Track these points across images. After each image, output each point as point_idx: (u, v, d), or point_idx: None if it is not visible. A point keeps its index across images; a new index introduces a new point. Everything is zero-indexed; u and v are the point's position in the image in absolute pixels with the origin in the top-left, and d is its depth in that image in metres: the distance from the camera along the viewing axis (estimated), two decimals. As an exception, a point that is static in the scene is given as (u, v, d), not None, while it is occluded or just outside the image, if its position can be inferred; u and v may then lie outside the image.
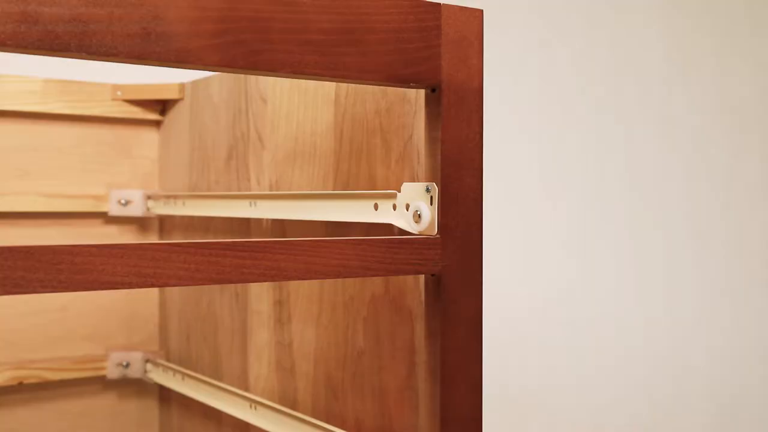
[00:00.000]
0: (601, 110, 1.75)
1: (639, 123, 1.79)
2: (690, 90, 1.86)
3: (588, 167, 1.74)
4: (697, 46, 1.86)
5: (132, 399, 1.24)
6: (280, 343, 0.98)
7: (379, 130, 0.82)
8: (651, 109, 1.81)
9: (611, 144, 1.76)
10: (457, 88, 0.70)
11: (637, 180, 1.79)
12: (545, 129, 1.69)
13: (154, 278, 0.59)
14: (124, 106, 1.22)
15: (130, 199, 1.21)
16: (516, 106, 1.66)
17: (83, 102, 1.20)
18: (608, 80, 1.76)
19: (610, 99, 1.76)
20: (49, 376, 1.17)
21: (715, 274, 1.89)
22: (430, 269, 0.70)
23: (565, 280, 1.71)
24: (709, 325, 1.89)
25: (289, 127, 0.96)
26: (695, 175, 1.86)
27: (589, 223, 1.74)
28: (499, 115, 1.63)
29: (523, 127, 1.67)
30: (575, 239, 1.72)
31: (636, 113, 1.79)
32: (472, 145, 0.71)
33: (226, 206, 1.01)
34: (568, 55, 1.72)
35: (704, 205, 1.87)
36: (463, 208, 0.71)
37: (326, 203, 0.83)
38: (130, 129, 1.24)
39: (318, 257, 0.65)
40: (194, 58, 0.60)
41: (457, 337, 0.71)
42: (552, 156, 1.70)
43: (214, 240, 0.62)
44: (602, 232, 1.75)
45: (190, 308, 1.18)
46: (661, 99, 1.82)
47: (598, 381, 1.75)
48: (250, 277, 0.62)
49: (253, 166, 1.02)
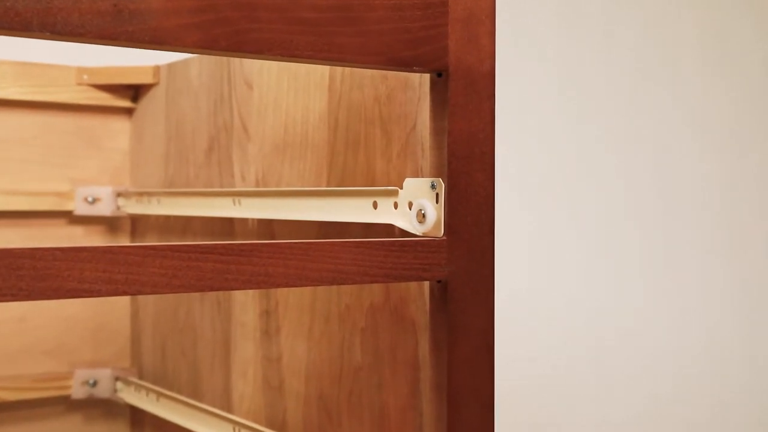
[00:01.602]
0: (630, 100, 1.75)
1: (672, 117, 1.79)
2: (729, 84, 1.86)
3: (613, 163, 1.74)
4: (739, 35, 1.87)
5: (100, 422, 1.25)
6: (268, 357, 0.98)
7: (379, 120, 0.82)
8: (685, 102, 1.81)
9: (640, 138, 1.76)
10: (466, 72, 0.71)
11: (668, 179, 1.79)
12: (566, 119, 1.70)
13: (126, 285, 0.59)
14: (92, 91, 1.23)
15: (98, 196, 1.22)
16: (533, 93, 1.67)
17: (45, 87, 1.21)
18: (639, 65, 1.76)
19: (640, 87, 1.76)
20: (6, 396, 1.18)
21: (751, 282, 1.90)
22: (436, 275, 0.70)
23: (587, 287, 1.72)
24: (751, 336, 1.89)
25: (277, 116, 0.96)
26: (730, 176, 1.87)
27: (613, 226, 1.74)
28: (513, 103, 1.64)
29: (540, 117, 1.68)
30: (598, 243, 1.73)
31: (669, 106, 1.79)
32: (483, 137, 0.72)
33: (207, 204, 1.02)
34: (592, 35, 1.72)
35: (739, 208, 1.88)
36: (473, 206, 0.72)
37: (319, 201, 0.83)
38: (98, 117, 1.25)
39: (310, 262, 0.65)
40: (171, 38, 0.60)
41: (467, 350, 0.72)
42: (573, 150, 1.70)
43: (193, 242, 0.62)
44: (629, 236, 1.76)
45: (166, 319, 1.18)
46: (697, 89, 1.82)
47: (624, 398, 1.75)
48: (234, 284, 0.63)
49: (237, 160, 1.03)
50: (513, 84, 1.64)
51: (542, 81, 1.68)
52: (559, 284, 1.70)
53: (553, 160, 1.69)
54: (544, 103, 1.68)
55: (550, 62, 1.69)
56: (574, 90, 1.71)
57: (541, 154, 1.68)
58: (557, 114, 1.69)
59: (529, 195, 1.67)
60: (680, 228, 1.81)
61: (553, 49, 1.69)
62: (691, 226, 1.83)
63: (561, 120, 1.70)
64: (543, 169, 1.68)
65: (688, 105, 1.82)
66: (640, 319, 1.77)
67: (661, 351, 1.79)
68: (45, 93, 1.21)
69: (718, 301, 1.86)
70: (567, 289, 1.70)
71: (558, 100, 1.69)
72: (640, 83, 1.77)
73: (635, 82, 1.76)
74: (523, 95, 1.66)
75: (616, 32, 1.75)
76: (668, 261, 1.80)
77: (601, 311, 1.73)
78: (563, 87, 1.70)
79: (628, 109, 1.76)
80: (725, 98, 1.87)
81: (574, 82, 1.71)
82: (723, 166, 1.87)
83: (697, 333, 1.83)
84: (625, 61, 1.75)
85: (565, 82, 1.70)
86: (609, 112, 1.74)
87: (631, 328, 1.76)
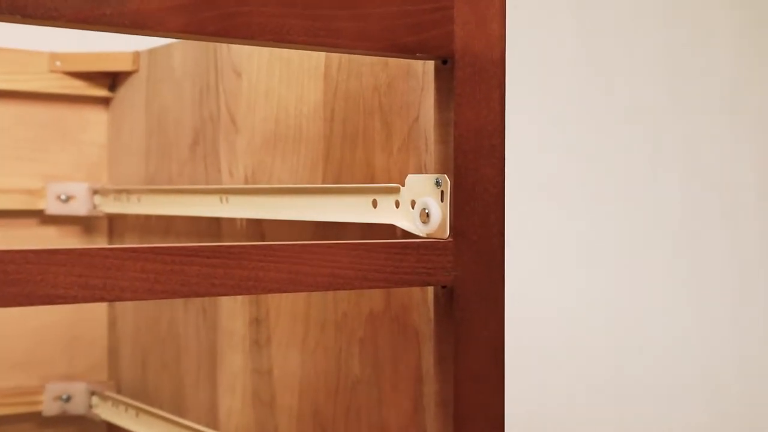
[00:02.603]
0: (656, 90, 1.75)
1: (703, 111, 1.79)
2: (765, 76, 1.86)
3: (637, 159, 1.74)
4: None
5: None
6: (258, 370, 0.99)
7: (379, 111, 0.82)
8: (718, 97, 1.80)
9: (667, 133, 1.76)
10: (473, 59, 0.71)
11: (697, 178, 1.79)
12: (583, 110, 1.70)
13: (104, 291, 0.59)
14: (65, 79, 1.23)
15: (73, 194, 1.22)
16: (547, 81, 1.67)
17: (14, 74, 1.21)
18: (667, 52, 1.76)
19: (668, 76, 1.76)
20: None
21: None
22: (441, 280, 0.71)
23: (608, 293, 1.72)
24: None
25: (268, 107, 0.96)
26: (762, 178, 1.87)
27: (638, 227, 1.74)
28: (525, 92, 1.64)
29: (555, 108, 1.68)
30: (621, 245, 1.73)
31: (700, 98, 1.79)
32: (493, 129, 0.72)
33: (192, 203, 1.02)
34: (614, 19, 1.72)
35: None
36: (481, 205, 0.72)
37: (314, 199, 0.84)
38: (72, 108, 1.25)
39: (304, 265, 0.65)
40: (154, 22, 0.61)
41: (474, 362, 0.72)
42: (592, 144, 1.71)
43: (177, 244, 0.62)
44: (655, 239, 1.76)
45: (147, 328, 1.18)
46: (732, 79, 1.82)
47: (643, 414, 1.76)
48: (221, 290, 0.63)
49: (224, 154, 1.03)
50: (525, 71, 1.64)
51: (558, 68, 1.68)
52: (577, 290, 1.70)
53: (569, 154, 1.69)
54: (560, 93, 1.68)
55: (567, 48, 1.69)
56: (593, 78, 1.71)
57: (556, 147, 1.68)
58: (574, 104, 1.69)
59: (543, 193, 1.67)
60: (711, 232, 1.81)
61: (570, 33, 1.69)
62: (723, 231, 1.83)
63: (578, 111, 1.70)
64: (558, 165, 1.68)
65: (722, 97, 1.82)
66: (667, 329, 1.77)
67: (690, 369, 1.80)
68: (14, 81, 1.21)
69: (755, 314, 1.86)
70: (586, 295, 1.70)
71: (575, 89, 1.70)
72: (668, 71, 1.77)
73: (662, 70, 1.76)
74: (537, 84, 1.66)
75: (641, 15, 1.75)
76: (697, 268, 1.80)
77: (623, 320, 1.74)
78: (581, 74, 1.70)
79: (654, 100, 1.76)
80: (762, 90, 1.87)
81: (592, 69, 1.71)
82: (760, 165, 1.87)
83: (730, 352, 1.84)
84: (650, 47, 1.76)
85: (583, 69, 1.70)
86: (632, 104, 1.74)
87: (657, 340, 1.77)
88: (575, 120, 1.69)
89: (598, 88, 1.72)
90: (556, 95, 1.68)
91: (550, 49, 1.67)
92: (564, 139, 1.69)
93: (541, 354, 1.67)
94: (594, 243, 1.71)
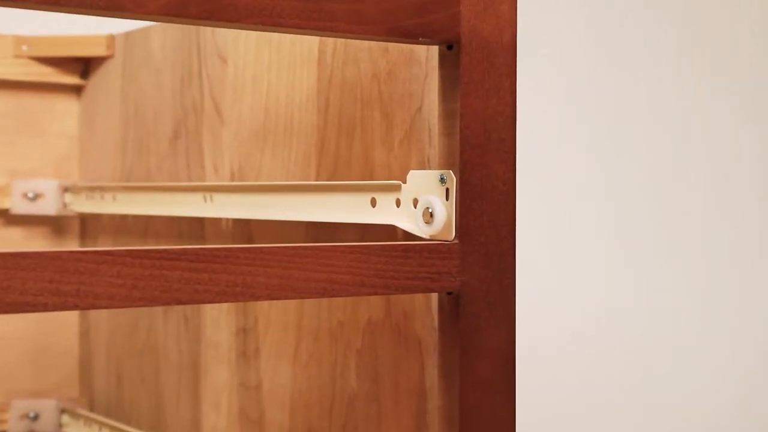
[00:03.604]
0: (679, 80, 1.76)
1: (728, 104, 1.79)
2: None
3: (660, 154, 1.74)
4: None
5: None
6: (245, 385, 0.99)
7: (378, 100, 0.83)
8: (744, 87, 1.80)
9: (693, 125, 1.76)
10: (481, 44, 0.71)
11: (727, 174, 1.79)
12: (601, 100, 1.70)
13: (77, 298, 0.59)
14: (33, 65, 1.23)
15: (41, 191, 1.22)
16: (561, 68, 1.67)
17: (-23, 60, 1.21)
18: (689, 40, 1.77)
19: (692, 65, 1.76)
20: (-67, 431, 1.18)
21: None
22: (446, 286, 0.71)
23: (629, 301, 1.72)
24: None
25: (256, 96, 0.97)
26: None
27: (659, 227, 1.74)
28: (538, 80, 1.64)
29: (570, 97, 1.68)
30: (645, 248, 1.73)
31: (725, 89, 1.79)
32: (503, 120, 0.72)
33: (173, 201, 1.02)
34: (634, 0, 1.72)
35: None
36: (490, 204, 0.72)
37: (307, 198, 0.84)
38: (40, 97, 1.25)
39: (296, 270, 0.66)
40: (131, 3, 0.61)
41: (483, 375, 0.72)
42: (610, 137, 1.71)
43: (157, 247, 0.63)
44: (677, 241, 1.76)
45: (123, 339, 1.19)
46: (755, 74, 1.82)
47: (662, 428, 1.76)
48: (205, 297, 0.63)
49: (208, 148, 1.03)
50: (538, 58, 1.64)
51: (574, 54, 1.68)
52: (595, 296, 1.70)
53: (587, 148, 1.69)
54: (575, 81, 1.69)
55: (584, 32, 1.69)
56: (611, 65, 1.71)
57: (571, 141, 1.68)
58: (591, 93, 1.70)
59: (558, 190, 1.67)
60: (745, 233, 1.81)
61: (588, 15, 1.69)
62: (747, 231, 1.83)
63: (595, 100, 1.70)
64: (575, 160, 1.68)
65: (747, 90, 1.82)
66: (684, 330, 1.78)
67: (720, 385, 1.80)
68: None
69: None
70: (605, 302, 1.71)
71: (592, 77, 1.70)
72: (692, 60, 1.77)
73: (685, 58, 1.77)
74: (550, 71, 1.66)
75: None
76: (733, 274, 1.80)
77: (646, 329, 1.74)
78: (597, 61, 1.70)
79: (677, 90, 1.76)
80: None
81: (612, 55, 1.71)
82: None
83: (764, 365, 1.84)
84: (672, 34, 1.76)
85: (603, 55, 1.70)
86: (656, 94, 1.74)
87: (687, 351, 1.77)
88: (593, 111, 1.70)
89: (617, 76, 1.72)
90: (572, 83, 1.68)
91: (565, 33, 1.68)
92: (582, 131, 1.69)
93: (556, 367, 1.67)
94: (613, 245, 1.71)
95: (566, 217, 1.68)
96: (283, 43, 0.93)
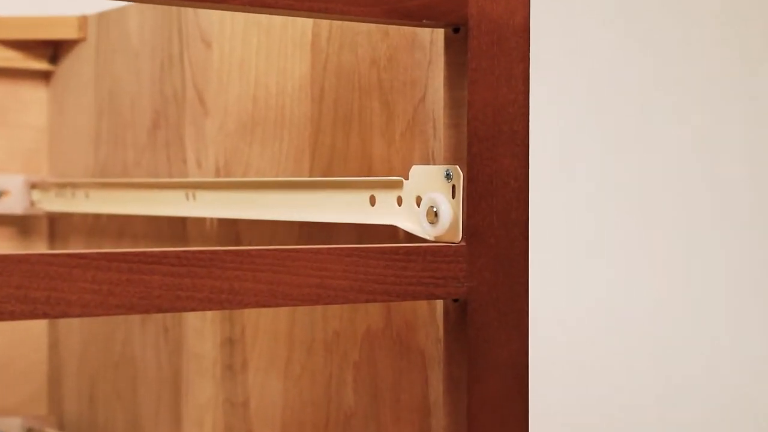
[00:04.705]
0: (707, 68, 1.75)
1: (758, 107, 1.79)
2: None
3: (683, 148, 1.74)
4: None
5: (9, 486, 1.26)
6: (231, 401, 0.99)
7: (377, 89, 0.83)
8: None
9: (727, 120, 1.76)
10: (491, 27, 0.72)
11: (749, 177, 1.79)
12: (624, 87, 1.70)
13: (48, 305, 0.60)
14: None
15: (6, 188, 1.22)
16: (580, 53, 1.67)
17: (-65, 44, 1.22)
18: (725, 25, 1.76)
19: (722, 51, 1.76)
20: None
21: None
22: (452, 292, 0.71)
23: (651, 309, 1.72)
24: None
25: (244, 84, 0.97)
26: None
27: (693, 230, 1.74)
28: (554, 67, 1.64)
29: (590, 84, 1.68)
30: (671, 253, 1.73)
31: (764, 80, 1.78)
32: (514, 111, 0.73)
33: (152, 199, 1.03)
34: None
35: None
36: (501, 202, 0.72)
37: (299, 195, 0.84)
38: (4, 84, 1.25)
39: (287, 274, 0.66)
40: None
41: (492, 390, 0.73)
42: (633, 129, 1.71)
43: (135, 249, 0.63)
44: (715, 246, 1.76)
45: (97, 351, 1.19)
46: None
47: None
48: (188, 304, 0.63)
49: (191, 141, 1.04)
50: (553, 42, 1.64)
51: (592, 38, 1.68)
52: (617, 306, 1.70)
53: (608, 141, 1.69)
54: (595, 67, 1.69)
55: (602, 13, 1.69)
56: (635, 48, 1.71)
57: (591, 132, 1.69)
58: (612, 80, 1.70)
59: (576, 187, 1.68)
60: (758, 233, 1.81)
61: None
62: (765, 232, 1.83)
63: (617, 88, 1.70)
64: (594, 153, 1.69)
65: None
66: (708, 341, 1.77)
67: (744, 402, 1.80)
68: (-65, 52, 1.22)
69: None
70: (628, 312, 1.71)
71: (613, 62, 1.70)
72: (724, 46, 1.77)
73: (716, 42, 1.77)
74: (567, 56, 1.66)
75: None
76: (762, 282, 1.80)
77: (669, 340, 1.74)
78: (620, 44, 1.70)
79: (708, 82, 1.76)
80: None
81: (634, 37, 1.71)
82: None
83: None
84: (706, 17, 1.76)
85: (624, 38, 1.70)
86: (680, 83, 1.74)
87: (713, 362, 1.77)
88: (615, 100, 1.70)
89: (642, 60, 1.72)
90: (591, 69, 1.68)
91: (583, 14, 1.68)
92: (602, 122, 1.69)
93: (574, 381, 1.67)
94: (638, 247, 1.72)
95: (585, 217, 1.68)
96: (273, 26, 0.93)
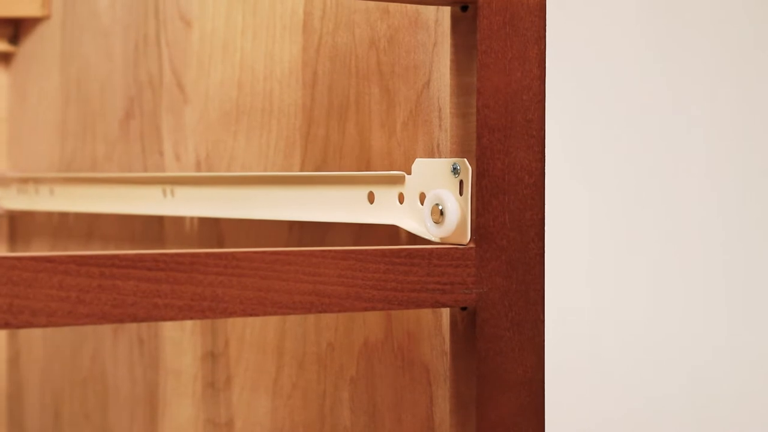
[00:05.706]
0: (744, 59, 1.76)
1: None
2: None
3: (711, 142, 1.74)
4: None
5: None
6: (213, 421, 0.99)
7: (377, 74, 0.83)
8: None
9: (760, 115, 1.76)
10: (503, 5, 0.72)
11: None
12: (651, 72, 1.71)
13: (10, 314, 0.60)
14: (-47, 30, 1.24)
15: (-37, 184, 1.23)
16: (602, 34, 1.68)
17: None
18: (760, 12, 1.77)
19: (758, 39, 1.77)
20: None
21: None
22: (460, 299, 0.71)
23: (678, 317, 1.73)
24: None
25: (228, 67, 0.97)
26: None
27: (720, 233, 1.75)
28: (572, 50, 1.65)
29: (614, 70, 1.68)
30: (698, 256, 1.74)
31: None
32: (529, 98, 0.73)
33: (124, 196, 1.03)
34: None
35: None
36: (514, 200, 0.73)
37: (289, 192, 0.84)
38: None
39: (277, 280, 0.66)
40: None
41: (504, 410, 0.73)
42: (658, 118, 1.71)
43: (107, 252, 0.63)
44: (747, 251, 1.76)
45: (62, 365, 1.19)
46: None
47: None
48: (165, 313, 0.63)
49: (168, 131, 1.04)
50: (571, 21, 1.65)
51: (616, 17, 1.69)
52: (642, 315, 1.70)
53: (635, 133, 1.70)
54: (620, 50, 1.69)
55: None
56: (663, 30, 1.72)
57: (615, 124, 1.69)
58: (639, 65, 1.70)
59: (598, 184, 1.68)
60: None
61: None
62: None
63: (645, 74, 1.70)
64: (618, 147, 1.69)
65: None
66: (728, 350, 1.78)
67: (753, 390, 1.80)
68: None
69: None
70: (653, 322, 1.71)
71: (640, 45, 1.70)
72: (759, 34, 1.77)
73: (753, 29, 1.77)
74: (587, 37, 1.67)
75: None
76: None
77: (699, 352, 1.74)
78: (649, 24, 1.71)
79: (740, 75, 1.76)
80: None
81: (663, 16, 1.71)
82: None
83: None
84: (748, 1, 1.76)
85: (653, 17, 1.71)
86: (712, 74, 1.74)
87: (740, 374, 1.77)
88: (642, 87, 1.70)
89: (671, 43, 1.72)
90: (615, 53, 1.69)
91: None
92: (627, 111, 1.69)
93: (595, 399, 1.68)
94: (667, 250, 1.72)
95: (607, 217, 1.69)
96: (260, 4, 0.93)
